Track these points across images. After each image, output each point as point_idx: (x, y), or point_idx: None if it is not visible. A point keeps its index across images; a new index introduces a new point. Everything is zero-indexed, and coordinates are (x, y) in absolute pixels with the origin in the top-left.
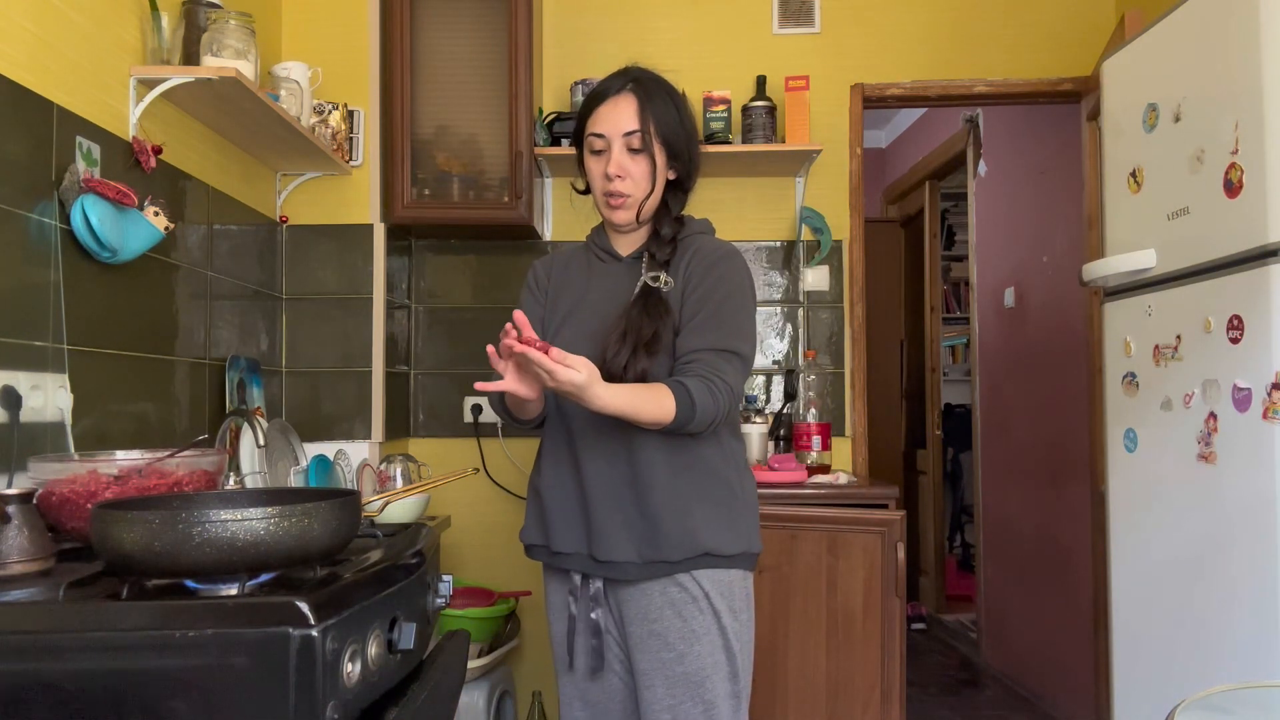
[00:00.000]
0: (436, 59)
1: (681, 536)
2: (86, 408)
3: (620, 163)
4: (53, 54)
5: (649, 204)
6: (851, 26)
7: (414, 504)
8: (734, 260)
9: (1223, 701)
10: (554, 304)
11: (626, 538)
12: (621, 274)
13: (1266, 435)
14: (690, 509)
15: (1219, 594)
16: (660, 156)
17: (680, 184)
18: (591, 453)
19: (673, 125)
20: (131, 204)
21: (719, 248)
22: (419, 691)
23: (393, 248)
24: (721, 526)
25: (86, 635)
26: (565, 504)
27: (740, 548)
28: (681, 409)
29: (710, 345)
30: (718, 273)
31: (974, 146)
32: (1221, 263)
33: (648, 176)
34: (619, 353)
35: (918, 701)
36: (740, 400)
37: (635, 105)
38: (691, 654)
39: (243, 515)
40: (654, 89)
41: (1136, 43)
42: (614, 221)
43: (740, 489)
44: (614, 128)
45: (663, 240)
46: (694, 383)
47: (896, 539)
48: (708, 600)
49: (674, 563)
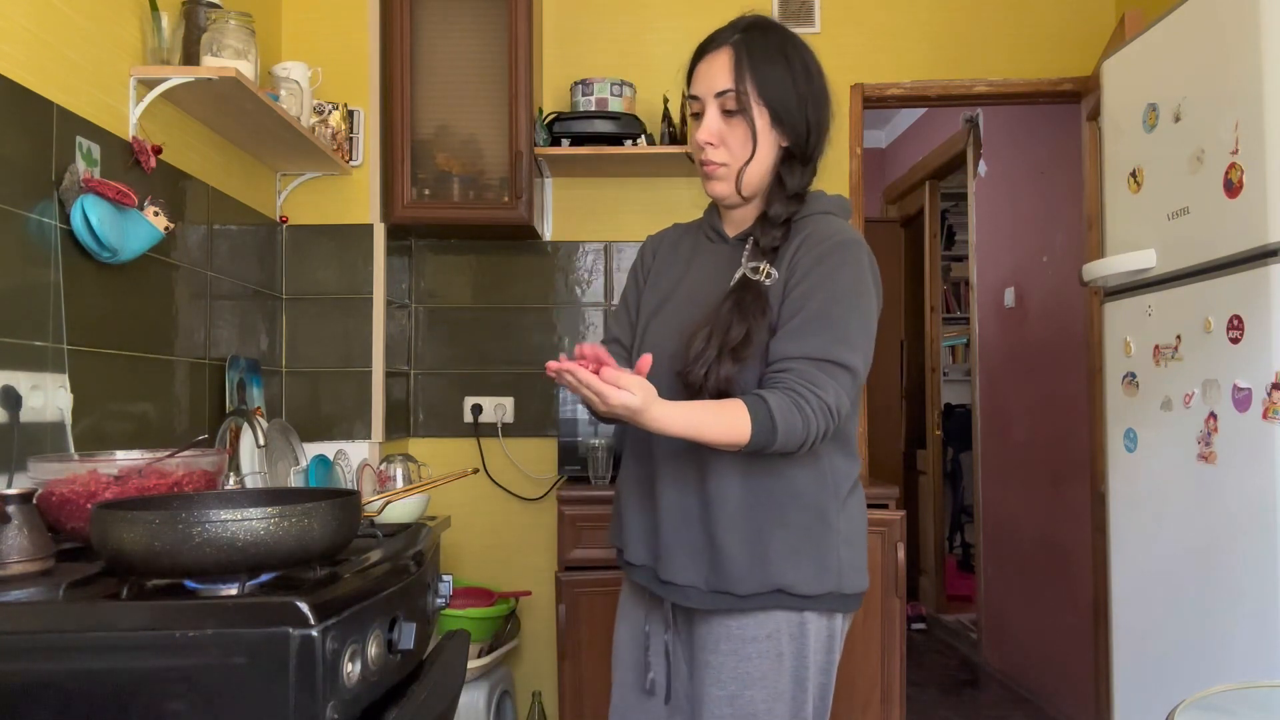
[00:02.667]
0: (436, 59)
1: (751, 568)
2: (86, 408)
3: (711, 127)
4: (53, 54)
5: (752, 175)
6: (851, 26)
7: (414, 504)
8: (852, 250)
9: (1223, 701)
10: (651, 290)
11: (692, 562)
12: (725, 257)
13: (1266, 435)
14: (765, 538)
15: (1219, 594)
16: (762, 120)
17: (797, 154)
18: (666, 463)
19: (781, 84)
20: (131, 204)
21: (836, 233)
22: (419, 691)
23: (393, 248)
24: (802, 560)
25: (86, 635)
26: (638, 513)
27: (826, 587)
28: (759, 431)
29: (808, 353)
30: (830, 264)
31: (974, 146)
32: (1221, 263)
33: (746, 143)
34: (701, 355)
35: (918, 701)
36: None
37: (731, 61)
38: (743, 697)
39: (243, 515)
40: (761, 41)
41: (1136, 43)
42: (711, 194)
43: (836, 519)
44: (708, 87)
45: (770, 222)
46: (778, 398)
47: (896, 539)
48: (771, 641)
49: (741, 597)
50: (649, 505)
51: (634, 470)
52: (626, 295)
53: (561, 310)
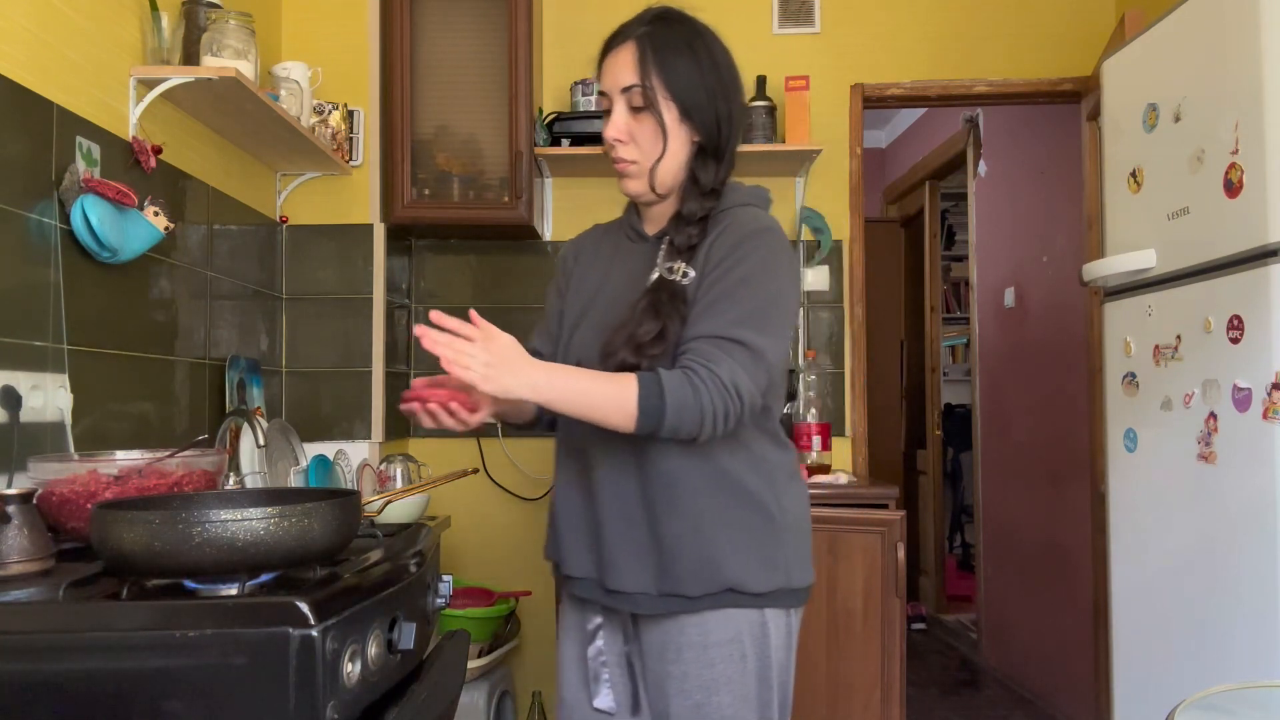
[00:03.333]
0: (436, 59)
1: (700, 568)
2: (86, 408)
3: (619, 123)
4: (53, 54)
5: (665, 172)
6: (851, 26)
7: (414, 504)
8: (765, 237)
9: (1223, 701)
10: (574, 296)
11: (640, 566)
12: (644, 257)
13: (1266, 435)
14: (713, 536)
15: (1219, 594)
16: (670, 115)
17: (709, 149)
18: (602, 465)
19: (688, 77)
20: (131, 204)
21: (750, 222)
22: (419, 691)
23: (393, 248)
24: (751, 558)
25: (86, 635)
26: (575, 523)
27: (776, 583)
28: (646, 400)
29: (707, 333)
30: (740, 251)
31: (974, 146)
32: (1221, 263)
33: (656, 139)
34: (615, 353)
35: (918, 701)
36: (749, 399)
37: (636, 55)
38: (710, 704)
39: (243, 515)
40: (666, 33)
41: (1136, 43)
42: (626, 192)
43: (780, 510)
44: (614, 82)
45: (684, 220)
46: (671, 374)
47: (896, 539)
48: (734, 644)
49: (693, 599)
50: (587, 513)
51: (568, 479)
52: (549, 304)
53: None
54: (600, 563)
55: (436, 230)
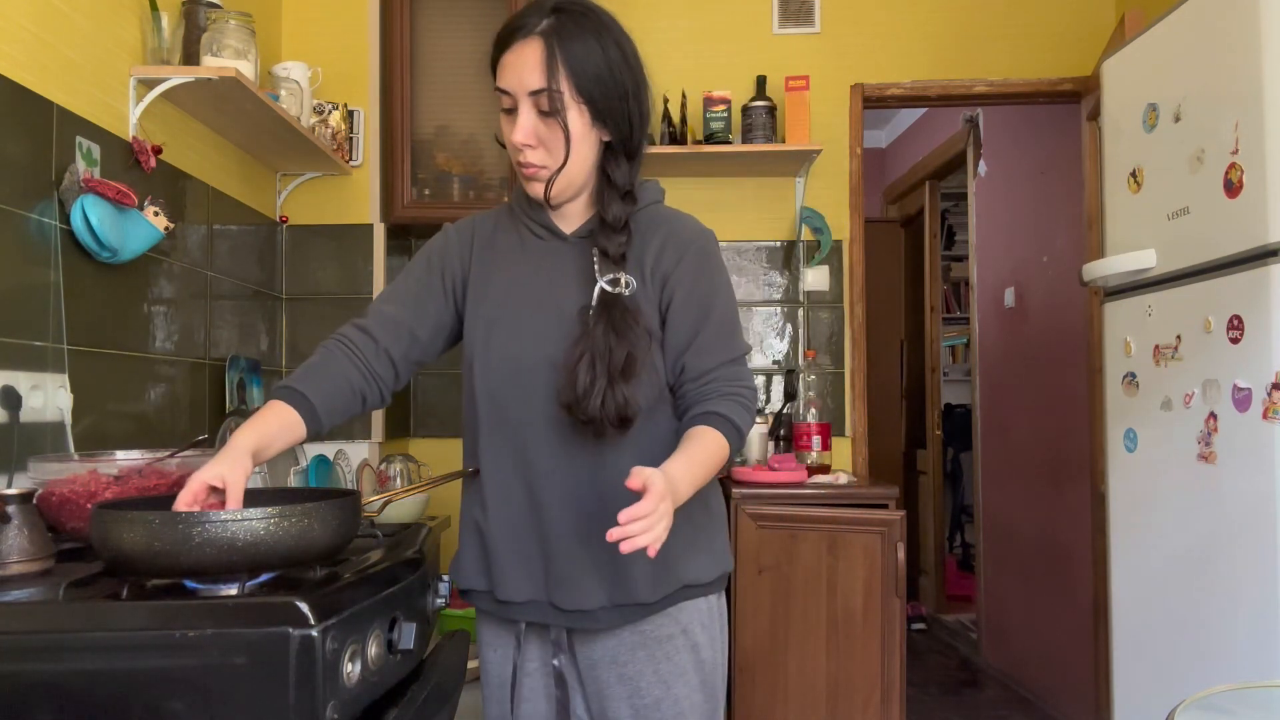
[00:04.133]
0: (436, 59)
1: (657, 573)
2: (86, 408)
3: (527, 127)
4: (53, 54)
5: (573, 176)
6: (851, 26)
7: (414, 504)
8: (713, 247)
9: (1223, 701)
10: (478, 285)
11: (595, 582)
12: (571, 259)
13: (1266, 435)
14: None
15: (1219, 594)
16: (582, 119)
17: (621, 149)
18: (550, 480)
19: (598, 75)
20: (131, 204)
21: (692, 233)
22: (419, 691)
23: (393, 248)
24: (699, 551)
25: (86, 635)
26: (517, 544)
27: (718, 570)
28: (732, 442)
29: (724, 359)
30: (706, 270)
31: (974, 146)
32: (1221, 263)
33: (565, 143)
34: (592, 388)
35: (918, 701)
36: None
37: (543, 55)
38: (669, 698)
39: (243, 515)
40: (573, 28)
41: (1136, 43)
42: (530, 194)
43: (714, 502)
44: (519, 83)
45: (610, 229)
46: (728, 406)
47: (896, 539)
48: (685, 635)
49: (649, 604)
50: (534, 535)
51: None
52: (415, 274)
53: None
54: (549, 583)
55: (436, 230)
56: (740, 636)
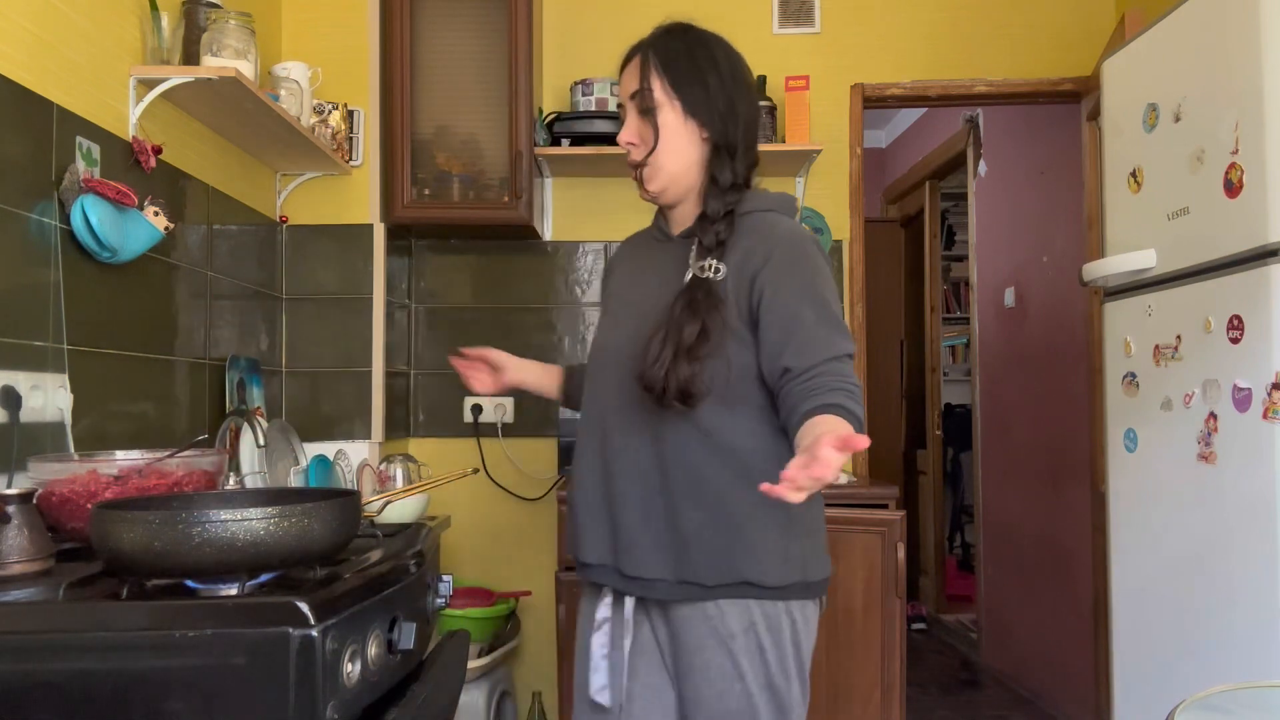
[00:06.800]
0: (436, 59)
1: (718, 559)
2: (86, 408)
3: (631, 127)
4: (53, 54)
5: (668, 166)
6: (851, 26)
7: (414, 504)
8: (808, 248)
9: (1223, 701)
10: (606, 294)
11: (658, 552)
12: (671, 255)
13: (1266, 435)
14: (732, 529)
15: (1219, 594)
16: (674, 112)
17: (724, 147)
18: (622, 456)
19: (691, 75)
20: (131, 204)
21: (785, 232)
22: (419, 691)
23: (393, 248)
24: (767, 551)
25: (86, 635)
26: (592, 512)
27: (791, 578)
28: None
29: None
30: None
31: (974, 146)
32: (1221, 263)
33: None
34: (659, 357)
35: (918, 701)
36: None
37: (640, 63)
38: (732, 693)
39: (243, 515)
40: (668, 41)
41: (1136, 43)
42: (643, 197)
43: (800, 509)
44: (624, 91)
45: (707, 220)
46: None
47: (896, 539)
48: (752, 635)
49: (709, 587)
50: (605, 498)
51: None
52: None
53: (561, 310)
54: (616, 548)
55: (436, 230)
56: None
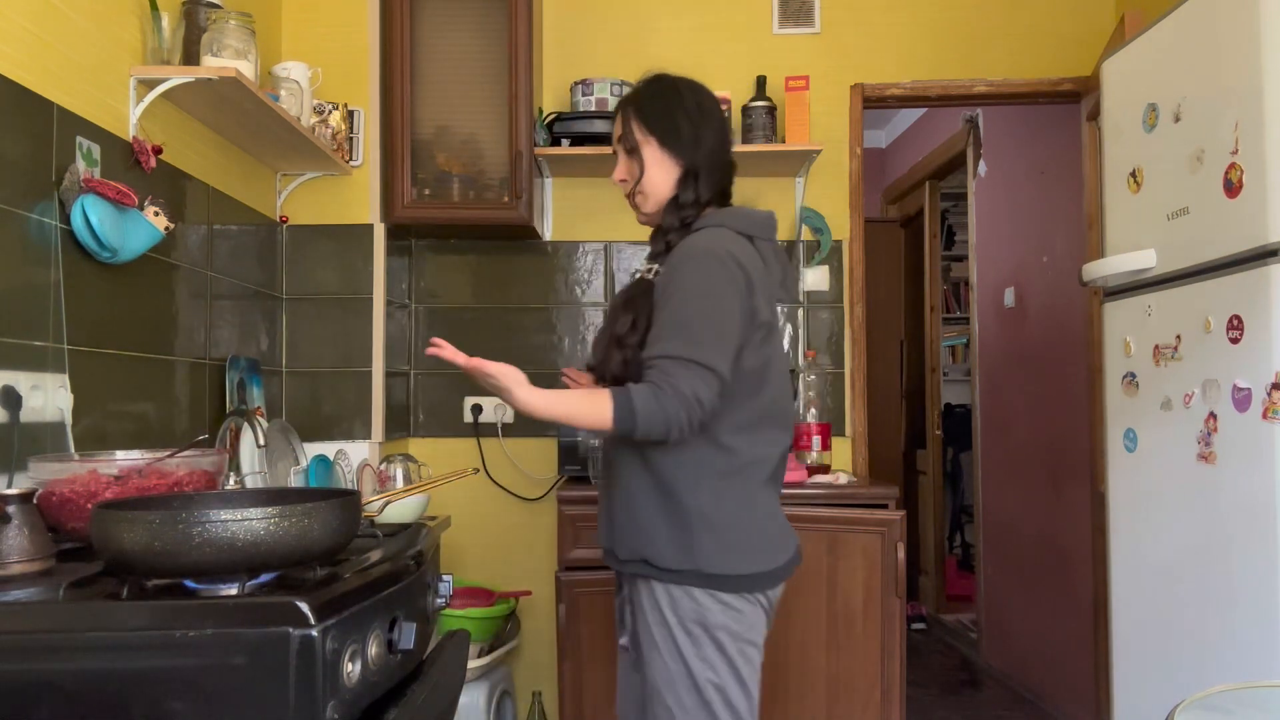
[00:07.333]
0: (436, 59)
1: (625, 537)
2: (86, 408)
3: (619, 168)
4: (53, 54)
5: (660, 195)
6: (851, 26)
7: (414, 504)
8: (702, 260)
9: (1223, 701)
10: None
11: (603, 530)
12: None
13: (1266, 435)
14: (635, 512)
15: (1219, 594)
16: (650, 147)
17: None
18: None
19: (662, 112)
20: (131, 204)
21: (696, 244)
22: (419, 691)
23: (393, 248)
24: (664, 540)
25: (87, 635)
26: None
27: (686, 564)
28: (620, 416)
29: (666, 353)
30: (681, 273)
31: (974, 146)
32: (1221, 263)
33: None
34: (598, 347)
35: (918, 701)
36: (709, 405)
37: (622, 113)
38: (651, 662)
39: (243, 515)
40: (644, 90)
41: (1136, 43)
42: (640, 219)
43: (695, 502)
44: (614, 139)
45: (661, 231)
46: (640, 388)
47: (896, 539)
48: (660, 612)
49: (622, 561)
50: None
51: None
52: None
53: (561, 310)
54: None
55: (436, 230)
56: None
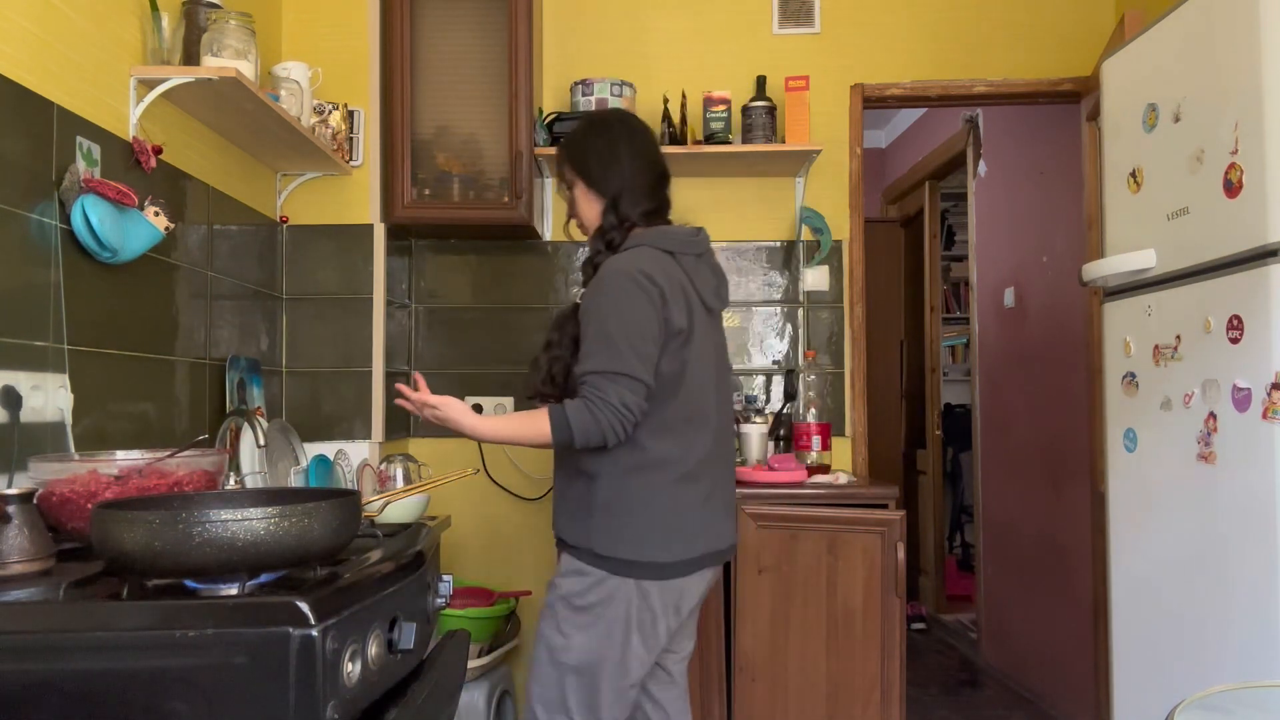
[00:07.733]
0: (436, 59)
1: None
2: (86, 408)
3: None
4: (53, 54)
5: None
6: (851, 26)
7: (414, 504)
8: (613, 281)
9: (1223, 701)
10: None
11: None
12: None
13: (1266, 435)
14: (560, 493)
15: (1218, 594)
16: (577, 187)
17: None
18: None
19: (575, 154)
20: (131, 204)
21: (609, 268)
22: (419, 691)
23: (393, 248)
24: (571, 520)
25: (87, 635)
26: None
27: (582, 543)
28: (557, 430)
29: (593, 369)
30: (593, 294)
31: (974, 146)
32: (1221, 263)
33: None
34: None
35: (918, 701)
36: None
37: (556, 156)
38: (541, 624)
39: (243, 515)
40: (574, 132)
41: (1136, 43)
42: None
43: (602, 491)
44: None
45: (587, 259)
46: (574, 405)
47: (896, 539)
48: (559, 578)
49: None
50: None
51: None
52: None
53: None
54: None
55: (436, 230)
56: (740, 636)
